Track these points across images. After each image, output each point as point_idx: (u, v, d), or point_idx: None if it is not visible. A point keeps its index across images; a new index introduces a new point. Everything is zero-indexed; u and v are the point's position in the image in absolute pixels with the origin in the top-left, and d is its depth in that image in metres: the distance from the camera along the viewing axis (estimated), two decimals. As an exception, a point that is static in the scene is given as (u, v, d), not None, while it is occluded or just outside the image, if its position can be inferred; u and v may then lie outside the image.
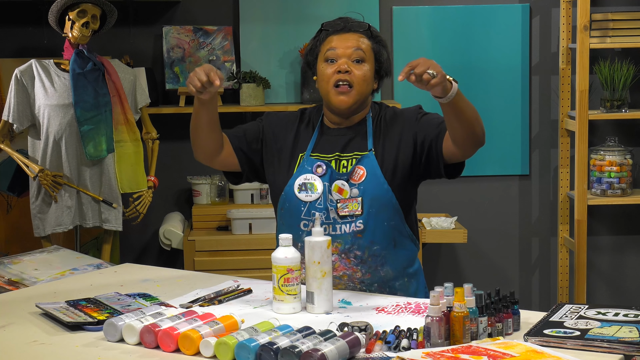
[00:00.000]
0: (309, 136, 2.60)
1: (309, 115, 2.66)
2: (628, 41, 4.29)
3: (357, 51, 2.52)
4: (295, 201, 2.52)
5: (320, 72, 2.55)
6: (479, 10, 4.56)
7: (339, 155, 2.54)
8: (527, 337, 1.98)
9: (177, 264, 4.35)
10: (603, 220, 4.70)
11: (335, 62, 2.52)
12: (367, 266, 2.51)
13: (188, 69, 4.43)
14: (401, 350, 1.94)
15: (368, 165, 2.50)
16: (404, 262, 2.57)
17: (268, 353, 1.86)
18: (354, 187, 2.49)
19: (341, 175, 2.51)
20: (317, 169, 2.52)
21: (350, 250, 2.49)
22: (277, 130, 2.64)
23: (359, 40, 2.54)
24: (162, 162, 4.33)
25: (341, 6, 4.47)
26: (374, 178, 2.49)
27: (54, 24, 3.82)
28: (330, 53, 2.53)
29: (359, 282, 2.51)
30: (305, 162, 2.54)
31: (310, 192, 2.50)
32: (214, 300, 2.36)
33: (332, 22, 2.58)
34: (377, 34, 2.59)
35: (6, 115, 3.83)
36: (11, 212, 4.35)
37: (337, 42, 2.53)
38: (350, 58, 2.52)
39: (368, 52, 2.54)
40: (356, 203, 2.48)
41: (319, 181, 2.50)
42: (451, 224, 4.30)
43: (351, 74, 2.51)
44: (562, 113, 4.58)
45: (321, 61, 2.56)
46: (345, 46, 2.52)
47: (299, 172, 2.54)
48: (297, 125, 2.63)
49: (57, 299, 2.41)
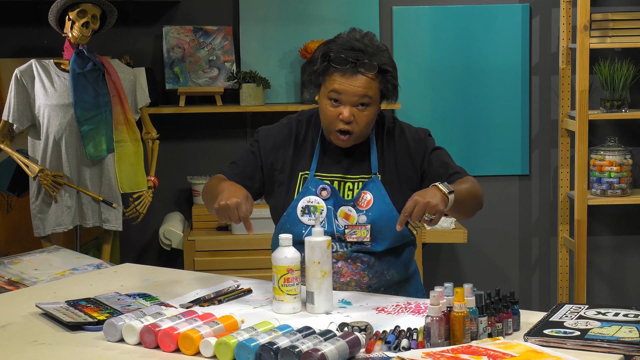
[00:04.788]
0: (308, 153, 2.52)
1: (305, 128, 2.55)
2: (628, 41, 4.29)
3: (363, 97, 2.38)
4: (297, 224, 2.48)
5: (323, 107, 2.43)
6: (479, 10, 4.56)
7: (343, 177, 2.50)
8: (527, 337, 1.98)
9: (177, 264, 4.35)
10: (603, 220, 4.70)
11: (338, 105, 2.40)
12: (374, 271, 2.50)
13: (188, 69, 4.43)
14: (401, 350, 1.94)
15: (374, 190, 2.47)
16: (407, 264, 2.58)
17: (268, 353, 1.86)
18: (362, 214, 2.46)
19: (347, 201, 2.47)
20: (322, 192, 2.47)
21: (356, 257, 2.49)
22: (274, 152, 2.54)
23: (367, 84, 2.38)
24: (162, 162, 4.33)
25: (341, 6, 4.47)
26: (382, 205, 2.46)
27: (54, 24, 3.82)
28: (334, 93, 2.39)
29: (366, 286, 2.51)
30: (309, 183, 2.49)
31: (314, 215, 2.46)
32: (214, 300, 2.36)
33: (339, 59, 2.37)
34: (385, 68, 2.40)
35: (6, 115, 3.83)
36: (11, 212, 4.34)
37: (342, 84, 2.37)
38: (355, 104, 2.39)
39: (375, 94, 2.40)
40: (365, 230, 2.44)
41: (323, 204, 2.46)
42: (451, 224, 4.30)
43: (354, 122, 2.40)
44: (562, 113, 4.58)
45: (324, 95, 2.42)
46: (351, 92, 2.37)
47: (302, 194, 2.48)
48: (294, 141, 2.54)
49: (57, 299, 2.41)
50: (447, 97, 4.60)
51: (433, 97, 4.57)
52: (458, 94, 4.59)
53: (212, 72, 4.45)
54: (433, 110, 4.59)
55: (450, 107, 4.60)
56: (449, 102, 4.60)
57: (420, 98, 4.58)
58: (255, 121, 4.46)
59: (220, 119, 4.45)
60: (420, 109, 4.57)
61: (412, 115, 4.51)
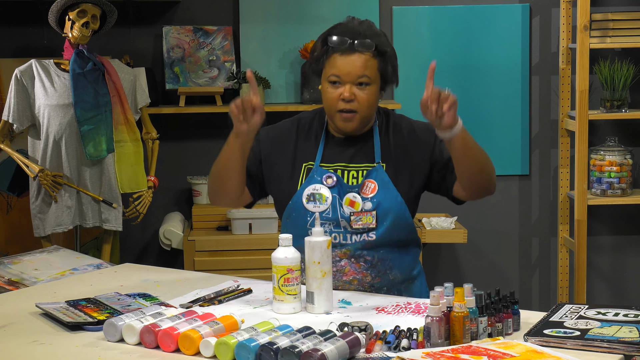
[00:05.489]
0: (312, 145, 2.55)
1: (308, 124, 2.60)
2: (628, 41, 4.29)
3: (362, 76, 2.44)
4: (302, 211, 2.49)
5: (325, 91, 2.49)
6: (479, 10, 4.56)
7: (346, 165, 2.52)
8: (527, 337, 1.98)
9: (177, 264, 4.35)
10: (603, 220, 4.70)
11: (339, 85, 2.46)
12: (377, 270, 2.51)
13: (188, 69, 4.43)
14: (401, 350, 1.94)
15: (378, 179, 2.48)
16: (410, 264, 2.58)
17: (268, 353, 1.86)
18: (367, 201, 2.47)
19: (352, 187, 2.48)
20: (327, 179, 2.49)
21: (360, 256, 2.49)
22: (274, 146, 2.59)
23: (365, 62, 2.44)
24: (162, 162, 4.33)
25: (341, 6, 4.47)
26: (386, 191, 2.47)
27: (54, 24, 3.82)
28: (334, 76, 2.45)
29: (368, 285, 2.51)
30: (315, 172, 2.51)
31: (319, 202, 2.48)
32: (214, 300, 2.36)
33: (337, 39, 2.45)
34: (383, 49, 2.48)
35: (6, 115, 3.83)
36: (11, 212, 4.34)
37: (341, 64, 2.44)
38: (354, 83, 2.45)
39: (374, 75, 2.46)
40: (370, 216, 2.46)
41: (328, 192, 2.48)
42: (451, 224, 4.30)
43: (355, 101, 2.46)
44: (562, 113, 4.58)
45: (325, 80, 2.48)
46: (350, 71, 2.44)
47: (307, 182, 2.50)
48: (295, 135, 2.58)
49: (57, 299, 2.41)
50: (447, 97, 4.59)
51: (433, 97, 4.57)
52: (458, 94, 4.47)
53: (212, 72, 4.45)
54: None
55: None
56: (448, 102, 4.59)
57: (420, 98, 4.57)
58: (255, 121, 4.46)
59: (220, 119, 4.45)
60: (420, 109, 4.56)
61: (412, 115, 4.46)
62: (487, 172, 2.46)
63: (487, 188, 2.49)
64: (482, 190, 2.49)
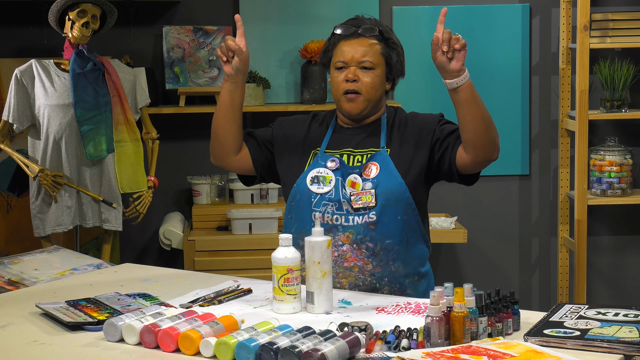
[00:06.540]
0: (322, 134, 2.64)
1: (322, 117, 2.71)
2: (628, 41, 4.29)
3: (365, 60, 2.55)
4: (306, 193, 2.56)
5: (332, 78, 2.60)
6: (479, 10, 4.56)
7: (352, 151, 2.59)
8: (527, 337, 1.98)
9: (177, 264, 4.35)
10: (603, 220, 4.70)
11: (344, 70, 2.56)
12: (379, 259, 2.51)
13: (188, 69, 4.43)
14: (401, 350, 1.94)
15: (381, 162, 2.54)
16: (415, 261, 2.58)
17: (268, 353, 1.86)
18: (367, 182, 2.52)
19: (353, 168, 2.54)
20: (330, 163, 2.56)
21: (362, 242, 2.51)
22: (288, 131, 2.69)
23: (369, 46, 2.56)
24: (162, 162, 4.33)
25: (341, 6, 4.47)
26: (387, 172, 2.53)
27: (54, 24, 3.82)
28: (340, 62, 2.57)
29: (369, 274, 2.52)
30: (319, 157, 2.59)
31: (322, 184, 2.54)
32: (214, 300, 2.36)
33: (343, 25, 2.60)
34: (388, 36, 2.60)
35: (6, 115, 3.83)
36: (11, 212, 4.35)
37: (346, 48, 2.56)
38: (358, 65, 2.55)
39: (377, 58, 2.57)
40: (370, 195, 2.50)
41: (332, 175, 2.54)
42: (451, 224, 4.30)
43: (359, 82, 2.55)
44: (562, 113, 4.58)
45: (332, 67, 2.59)
46: (354, 53, 2.55)
47: (312, 167, 2.58)
48: (309, 124, 2.69)
49: (57, 299, 2.41)
50: (447, 97, 4.55)
51: (433, 97, 4.57)
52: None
53: (212, 72, 4.46)
54: (433, 110, 4.50)
55: (450, 107, 4.57)
56: (449, 101, 4.57)
57: (421, 98, 4.58)
58: (256, 121, 4.45)
59: (220, 119, 4.45)
60: (421, 109, 4.51)
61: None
62: (492, 133, 2.50)
63: (490, 151, 2.50)
64: (486, 152, 2.49)
